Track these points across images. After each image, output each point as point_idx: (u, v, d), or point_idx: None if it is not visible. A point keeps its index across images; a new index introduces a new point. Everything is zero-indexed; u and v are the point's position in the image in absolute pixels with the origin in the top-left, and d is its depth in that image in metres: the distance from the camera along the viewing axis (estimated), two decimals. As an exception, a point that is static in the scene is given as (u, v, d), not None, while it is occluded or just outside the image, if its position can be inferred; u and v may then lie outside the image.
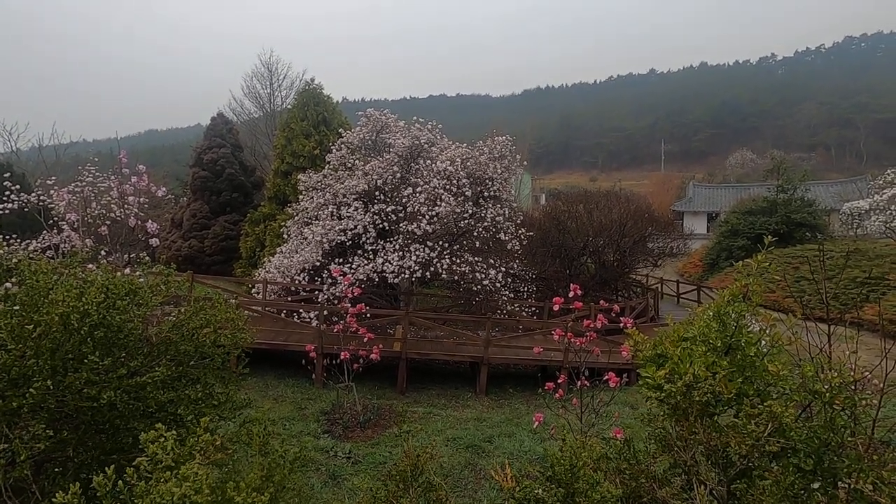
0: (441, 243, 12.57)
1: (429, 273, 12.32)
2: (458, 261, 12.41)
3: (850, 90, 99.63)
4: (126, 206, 9.71)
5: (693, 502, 2.42)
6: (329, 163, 14.23)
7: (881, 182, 27.87)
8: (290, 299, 13.36)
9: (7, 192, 9.89)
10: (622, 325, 5.68)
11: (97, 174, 10.18)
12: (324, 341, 9.56)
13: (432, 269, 12.18)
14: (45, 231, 9.62)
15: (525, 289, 15.46)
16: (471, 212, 12.88)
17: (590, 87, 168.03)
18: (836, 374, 2.64)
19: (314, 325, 10.69)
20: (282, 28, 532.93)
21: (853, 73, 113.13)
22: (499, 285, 12.87)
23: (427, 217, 12.20)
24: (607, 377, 5.62)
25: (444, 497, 3.00)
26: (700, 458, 2.48)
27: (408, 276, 12.24)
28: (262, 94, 29.60)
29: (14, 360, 2.74)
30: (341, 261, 12.26)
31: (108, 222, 9.43)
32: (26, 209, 10.03)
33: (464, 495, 6.01)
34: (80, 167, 10.44)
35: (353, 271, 11.62)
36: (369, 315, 10.13)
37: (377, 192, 13.10)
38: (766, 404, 2.47)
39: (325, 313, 10.52)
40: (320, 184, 13.73)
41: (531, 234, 15.02)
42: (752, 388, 2.84)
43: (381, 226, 12.76)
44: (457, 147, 13.61)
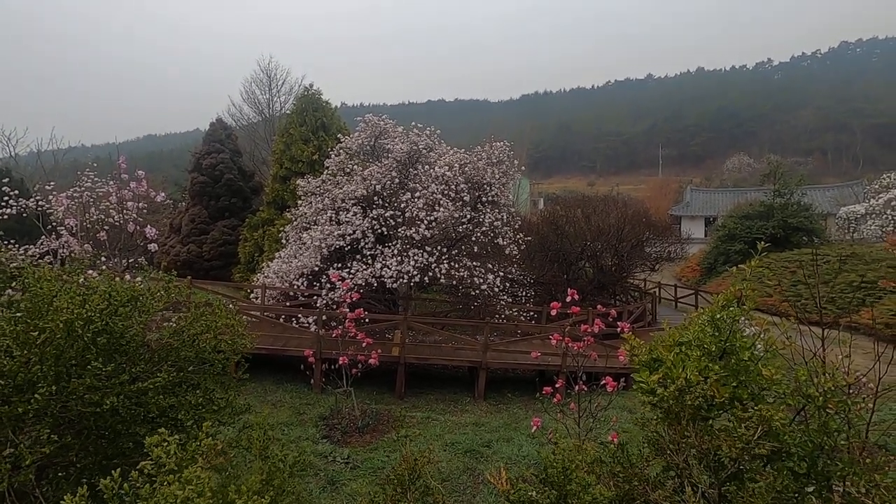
0: (439, 248, 12.60)
1: (427, 278, 12.35)
2: (457, 266, 12.43)
3: (846, 95, 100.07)
4: (125, 211, 9.76)
5: (687, 505, 2.45)
6: (328, 168, 14.26)
7: (877, 186, 28.15)
8: (288, 304, 13.38)
9: (6, 198, 9.88)
10: (619, 329, 5.72)
11: (96, 179, 10.18)
12: (322, 346, 9.57)
13: (431, 273, 12.21)
14: (43, 236, 9.64)
15: (523, 293, 15.49)
16: (469, 217, 12.92)
17: (587, 92, 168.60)
18: (828, 379, 2.68)
19: (313, 330, 10.70)
20: (282, 28, 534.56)
21: (849, 78, 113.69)
22: (497, 290, 12.90)
23: (425, 222, 12.23)
24: (605, 381, 5.66)
25: (441, 501, 3.04)
26: (692, 461, 2.52)
27: (406, 280, 12.27)
28: (261, 100, 29.70)
29: (19, 367, 2.77)
30: (340, 266, 12.28)
31: (106, 227, 9.48)
32: (25, 214, 10.04)
33: (462, 500, 6.03)
34: (79, 172, 10.44)
35: (351, 276, 11.63)
36: (368, 320, 10.17)
37: (376, 198, 13.13)
38: (756, 408, 2.51)
39: (324, 318, 10.55)
40: (319, 189, 13.76)
41: (529, 238, 15.03)
42: (746, 393, 2.87)
43: (379, 231, 12.78)
44: (455, 152, 13.66)
